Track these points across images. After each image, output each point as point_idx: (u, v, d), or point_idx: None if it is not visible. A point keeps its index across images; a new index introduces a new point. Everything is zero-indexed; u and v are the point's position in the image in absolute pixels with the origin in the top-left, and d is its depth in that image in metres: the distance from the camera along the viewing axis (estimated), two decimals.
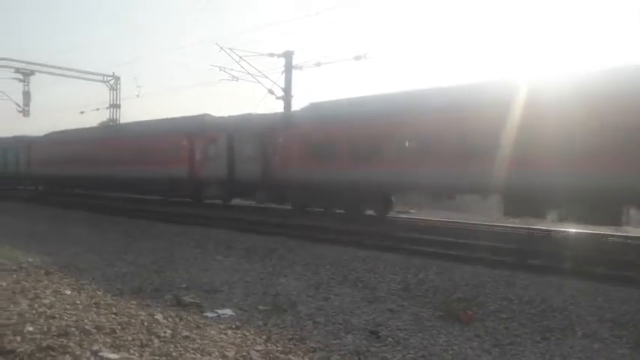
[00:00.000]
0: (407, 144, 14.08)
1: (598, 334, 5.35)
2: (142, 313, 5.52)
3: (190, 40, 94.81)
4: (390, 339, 5.18)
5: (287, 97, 22.29)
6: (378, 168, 14.44)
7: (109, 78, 37.31)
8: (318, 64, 22.37)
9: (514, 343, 5.13)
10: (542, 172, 11.27)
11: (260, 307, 6.19)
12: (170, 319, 5.36)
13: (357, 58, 21.08)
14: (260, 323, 5.54)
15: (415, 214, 17.88)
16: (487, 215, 15.30)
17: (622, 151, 10.29)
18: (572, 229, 12.39)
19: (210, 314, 5.80)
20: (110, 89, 37.47)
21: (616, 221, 11.03)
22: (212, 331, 5.01)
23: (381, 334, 5.31)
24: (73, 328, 4.59)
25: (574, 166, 10.79)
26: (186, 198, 21.93)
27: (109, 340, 4.38)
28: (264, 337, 5.00)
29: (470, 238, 11.14)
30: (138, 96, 36.54)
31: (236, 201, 20.47)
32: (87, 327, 4.66)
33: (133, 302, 6.10)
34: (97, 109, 36.91)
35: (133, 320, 5.14)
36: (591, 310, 6.06)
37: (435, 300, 6.72)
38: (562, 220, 11.98)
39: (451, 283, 7.49)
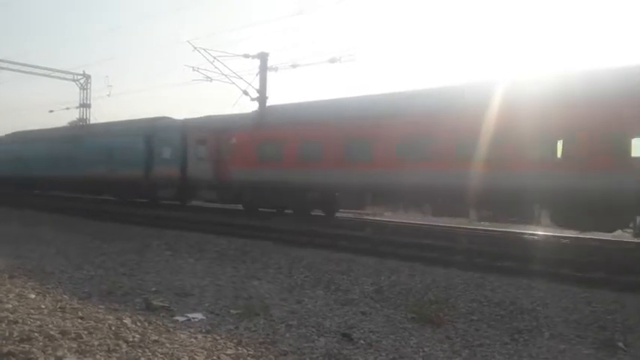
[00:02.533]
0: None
1: (564, 335, 5.47)
2: (110, 317, 5.39)
3: (164, 40, 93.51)
4: (362, 341, 5.18)
5: (262, 99, 22.18)
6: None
7: (79, 76, 36.54)
8: (294, 66, 22.37)
9: (484, 345, 5.20)
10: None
11: (232, 311, 6.11)
12: (139, 324, 5.24)
13: (332, 61, 21.18)
14: (231, 327, 5.47)
15: (390, 217, 18.02)
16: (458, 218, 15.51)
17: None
18: (542, 232, 12.68)
19: (180, 318, 5.70)
20: (80, 88, 36.68)
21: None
22: (182, 336, 4.92)
23: (353, 336, 5.31)
24: (36, 334, 4.44)
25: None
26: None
27: (74, 346, 4.25)
28: (235, 341, 4.94)
29: (440, 240, 11.29)
30: (109, 95, 36.01)
31: (214, 204, 20.43)
32: (51, 332, 4.52)
33: (100, 306, 5.95)
34: (67, 108, 36.09)
35: (100, 325, 5.01)
36: (558, 312, 6.20)
37: (407, 302, 6.77)
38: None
39: (423, 285, 7.57)
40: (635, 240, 10.95)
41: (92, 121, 34.94)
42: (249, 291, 7.25)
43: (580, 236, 12.05)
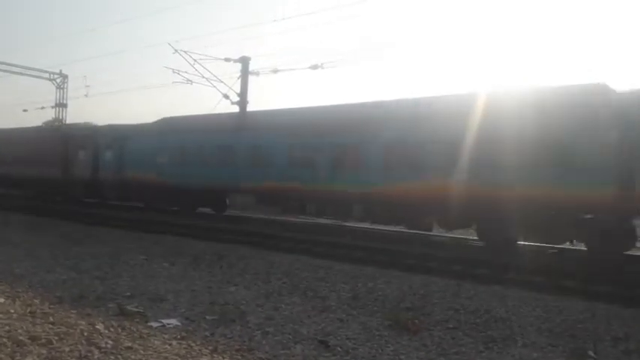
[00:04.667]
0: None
1: (537, 344, 5.56)
2: (82, 322, 5.27)
3: (145, 41, 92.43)
4: (339, 348, 5.18)
5: (242, 102, 22.09)
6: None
7: (56, 75, 35.77)
8: (275, 71, 22.35)
9: (459, 353, 5.25)
10: None
11: (207, 317, 6.04)
12: (112, 329, 5.14)
13: (314, 67, 21.22)
14: (207, 333, 5.41)
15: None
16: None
17: None
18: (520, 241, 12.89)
19: (154, 324, 5.61)
20: (57, 87, 35.92)
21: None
22: (156, 342, 4.84)
23: (330, 343, 5.30)
24: (4, 339, 4.32)
25: None
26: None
27: (44, 352, 4.15)
28: (210, 347, 4.88)
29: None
30: (87, 96, 35.27)
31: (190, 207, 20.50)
32: (20, 337, 4.41)
33: (72, 311, 5.81)
34: (42, 108, 35.32)
35: (71, 330, 4.89)
36: (531, 320, 6.30)
37: (384, 309, 6.79)
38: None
39: (400, 293, 7.61)
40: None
41: (68, 121, 34.29)
42: (226, 297, 7.18)
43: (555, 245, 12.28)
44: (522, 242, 12.61)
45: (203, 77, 21.64)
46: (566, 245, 11.81)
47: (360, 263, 9.88)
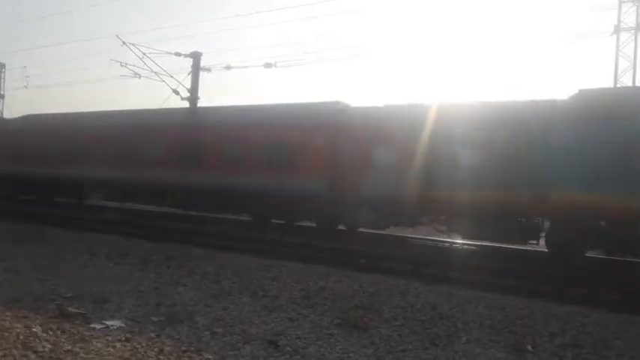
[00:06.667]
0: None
1: (479, 340, 5.77)
2: (18, 325, 5.00)
3: (92, 32, 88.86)
4: (289, 348, 5.18)
5: (193, 98, 21.63)
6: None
7: None
8: (228, 68, 22.02)
9: (406, 350, 5.37)
10: None
11: (154, 318, 5.89)
12: (51, 332, 4.91)
13: (267, 65, 21.09)
14: (153, 335, 5.27)
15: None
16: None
17: None
18: (460, 241, 13.32)
19: (97, 326, 5.41)
20: None
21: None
22: (98, 344, 4.67)
23: (279, 343, 5.29)
24: None
25: None
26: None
27: None
28: (156, 349, 4.75)
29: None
30: (26, 87, 33.46)
31: (138, 206, 20.44)
32: None
33: (7, 313, 5.51)
34: None
35: (6, 334, 4.64)
36: (474, 317, 6.52)
37: (334, 308, 6.85)
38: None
39: (350, 291, 7.69)
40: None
41: (5, 113, 32.48)
42: (173, 297, 7.01)
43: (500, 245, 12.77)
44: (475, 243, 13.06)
45: (152, 71, 21.03)
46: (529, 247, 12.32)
47: (312, 262, 9.90)
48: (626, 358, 5.33)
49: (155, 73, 21.01)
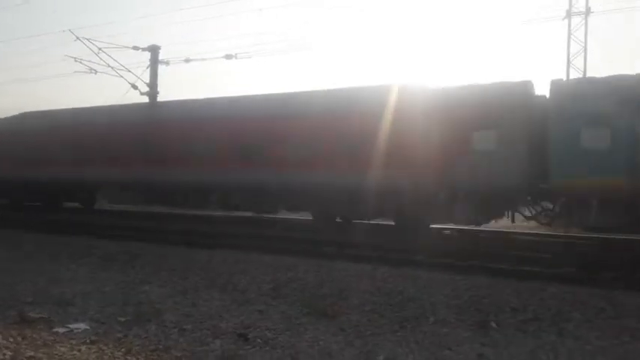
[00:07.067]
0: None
1: (446, 320, 5.92)
2: None
3: (44, 26, 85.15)
4: (259, 340, 5.18)
5: (152, 93, 21.18)
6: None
7: None
8: (187, 61, 21.65)
9: (375, 334, 5.46)
10: None
11: (120, 319, 5.78)
12: (11, 339, 4.76)
13: (228, 57, 20.85)
14: (119, 335, 5.18)
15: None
16: None
17: None
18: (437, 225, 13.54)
19: (60, 330, 5.27)
20: None
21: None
22: (62, 349, 4.56)
23: (249, 336, 5.29)
24: None
25: None
26: None
27: None
28: (123, 349, 4.68)
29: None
30: None
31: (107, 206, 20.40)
32: None
33: None
34: None
35: None
36: (440, 298, 6.67)
37: (303, 297, 6.88)
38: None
39: (319, 280, 7.73)
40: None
41: None
42: (140, 296, 6.90)
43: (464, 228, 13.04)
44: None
45: (109, 66, 20.44)
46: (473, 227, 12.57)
47: (280, 254, 9.89)
48: (582, 328, 5.58)
49: (112, 68, 20.47)
